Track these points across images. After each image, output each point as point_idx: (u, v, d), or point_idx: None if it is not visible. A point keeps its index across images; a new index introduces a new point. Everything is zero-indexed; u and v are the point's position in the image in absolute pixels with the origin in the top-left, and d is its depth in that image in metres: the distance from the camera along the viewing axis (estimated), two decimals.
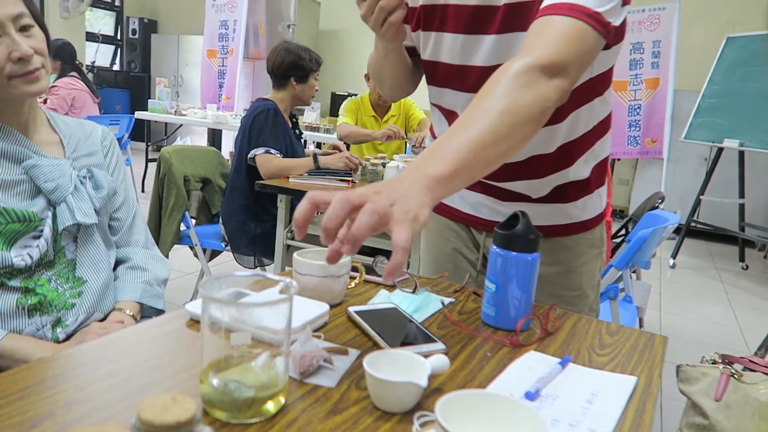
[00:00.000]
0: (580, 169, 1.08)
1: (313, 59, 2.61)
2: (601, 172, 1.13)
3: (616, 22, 0.85)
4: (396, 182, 0.67)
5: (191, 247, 2.64)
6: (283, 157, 2.51)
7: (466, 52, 1.01)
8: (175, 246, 2.56)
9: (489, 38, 0.98)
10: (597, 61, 0.95)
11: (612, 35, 0.85)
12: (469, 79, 1.02)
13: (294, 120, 2.75)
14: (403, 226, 0.62)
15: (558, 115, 0.99)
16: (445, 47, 1.04)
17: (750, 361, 1.59)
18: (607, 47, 0.89)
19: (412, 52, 1.13)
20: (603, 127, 1.08)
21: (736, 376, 1.51)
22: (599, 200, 1.15)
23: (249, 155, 2.48)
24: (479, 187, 1.14)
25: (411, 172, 0.69)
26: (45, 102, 4.09)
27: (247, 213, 2.52)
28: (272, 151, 2.47)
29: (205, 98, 5.91)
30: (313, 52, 2.65)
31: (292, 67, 2.56)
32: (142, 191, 5.57)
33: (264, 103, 2.55)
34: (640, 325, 2.39)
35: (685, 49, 5.39)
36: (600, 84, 1.02)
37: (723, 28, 5.68)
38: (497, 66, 0.82)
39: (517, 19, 0.95)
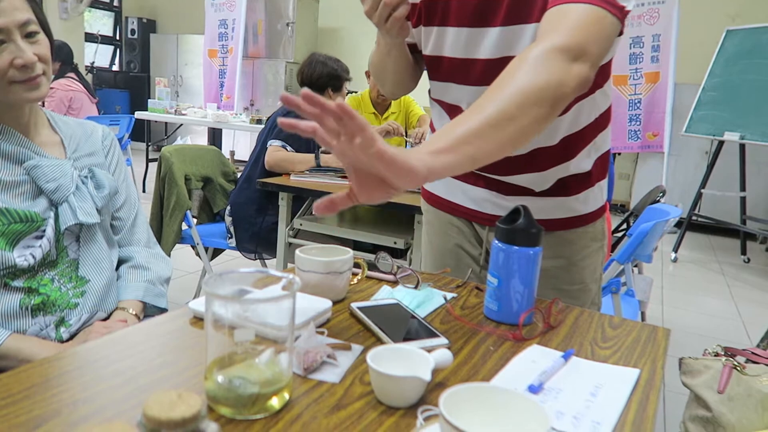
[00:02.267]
0: (583, 162, 1.08)
1: (345, 69, 2.73)
2: (603, 165, 1.13)
3: (629, 6, 0.85)
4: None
5: (193, 247, 2.64)
6: None
7: (470, 45, 1.01)
8: (177, 245, 2.57)
9: (494, 30, 0.98)
10: None
11: (625, 20, 0.85)
12: (473, 72, 1.02)
13: None
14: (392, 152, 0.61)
15: None
16: (448, 41, 1.03)
17: (752, 353, 1.59)
18: (619, 33, 0.89)
19: (413, 48, 1.13)
20: (604, 119, 1.09)
21: (738, 368, 1.52)
22: (600, 193, 1.15)
23: (267, 143, 2.53)
24: (482, 182, 1.14)
25: (415, 150, 0.68)
26: (42, 105, 4.10)
27: (257, 204, 2.54)
28: (288, 147, 2.52)
29: (208, 98, 5.91)
30: (342, 62, 2.75)
31: (331, 77, 2.66)
32: (143, 191, 5.58)
33: None
34: (642, 319, 2.39)
35: (685, 43, 5.37)
36: (600, 76, 1.02)
37: (723, 21, 5.67)
38: (502, 58, 0.81)
39: (522, 11, 0.94)
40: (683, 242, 4.82)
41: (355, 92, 3.74)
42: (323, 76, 2.65)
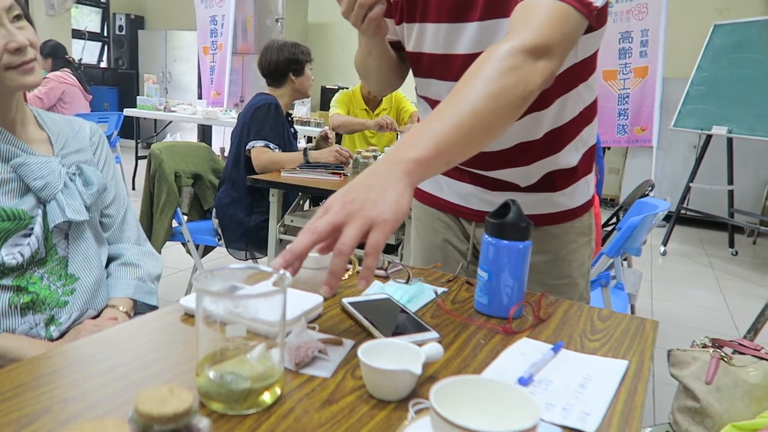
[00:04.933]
0: (570, 156, 1.09)
1: (303, 51, 2.69)
2: (589, 159, 1.14)
3: (598, 3, 0.86)
4: (372, 174, 0.69)
5: (184, 244, 2.63)
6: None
7: (449, 41, 1.02)
8: (168, 243, 2.56)
9: (471, 26, 0.98)
10: (581, 46, 0.95)
11: (594, 16, 0.86)
12: (452, 68, 1.03)
13: (290, 118, 2.77)
14: (377, 229, 0.66)
15: (543, 101, 1.00)
16: (428, 37, 1.04)
17: (739, 344, 1.61)
18: (590, 30, 0.90)
19: (398, 46, 1.13)
20: (590, 113, 1.09)
21: (726, 359, 1.54)
22: (586, 187, 1.15)
23: (247, 146, 2.49)
24: (467, 177, 1.14)
25: (389, 158, 0.71)
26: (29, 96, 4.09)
27: (241, 205, 2.53)
28: (271, 145, 2.48)
29: (206, 95, 5.85)
30: (301, 45, 2.72)
31: (289, 62, 2.64)
32: (133, 189, 5.54)
33: (265, 98, 2.60)
34: (632, 312, 2.41)
35: (674, 37, 5.40)
36: (584, 69, 1.02)
37: (711, 16, 5.71)
38: (480, 54, 0.82)
39: (498, 6, 0.95)
40: (672, 235, 4.86)
41: (346, 88, 3.73)
42: (281, 63, 2.63)
